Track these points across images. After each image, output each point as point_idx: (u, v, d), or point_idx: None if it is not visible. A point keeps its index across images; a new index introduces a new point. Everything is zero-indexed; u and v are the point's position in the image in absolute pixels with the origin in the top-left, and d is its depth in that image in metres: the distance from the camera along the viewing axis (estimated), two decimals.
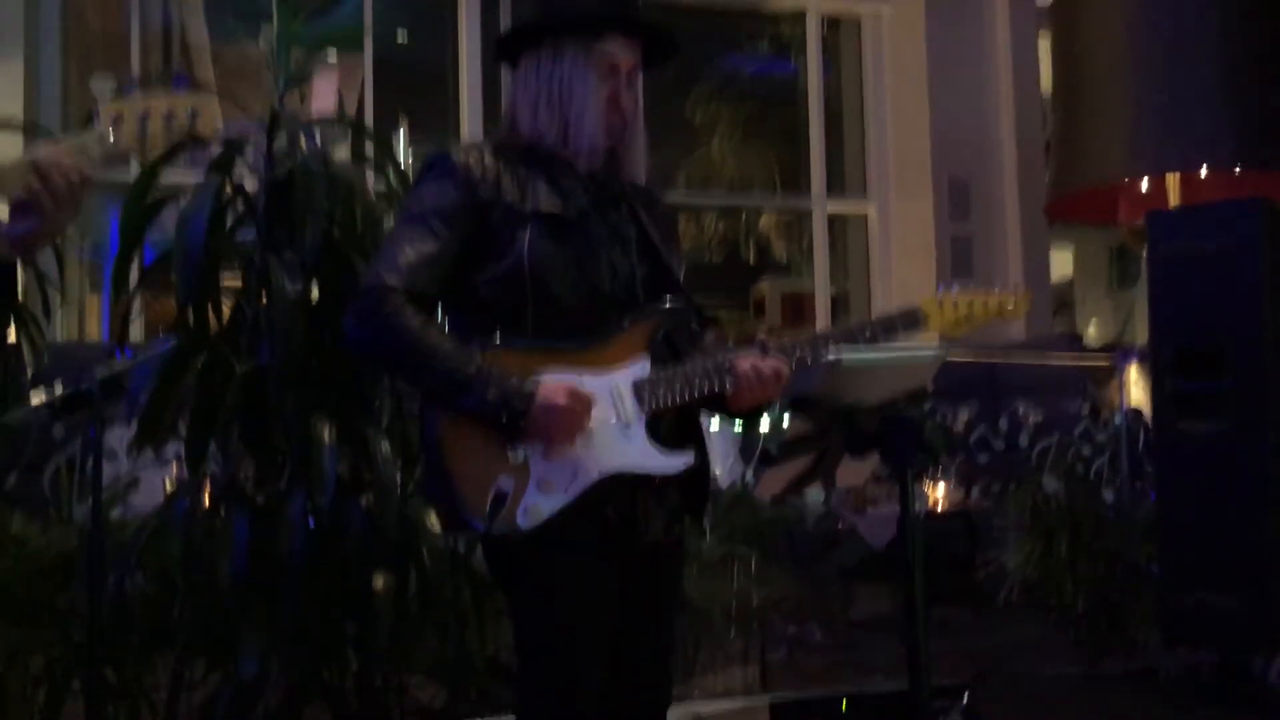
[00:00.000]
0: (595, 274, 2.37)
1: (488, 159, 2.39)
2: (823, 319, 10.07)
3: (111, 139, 1.99)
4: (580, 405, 2.24)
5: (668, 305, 2.41)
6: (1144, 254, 5.07)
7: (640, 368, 2.34)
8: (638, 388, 2.32)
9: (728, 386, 2.35)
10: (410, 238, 2.32)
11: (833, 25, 10.52)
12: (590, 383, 2.29)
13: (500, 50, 2.53)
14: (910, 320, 2.47)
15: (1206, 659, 4.82)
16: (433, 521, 3.38)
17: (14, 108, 7.18)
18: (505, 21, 9.17)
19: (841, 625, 5.83)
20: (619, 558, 2.34)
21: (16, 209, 1.93)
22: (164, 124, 2.01)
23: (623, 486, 2.31)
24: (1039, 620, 5.48)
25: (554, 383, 2.24)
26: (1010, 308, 2.55)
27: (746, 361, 2.35)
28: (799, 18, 10.44)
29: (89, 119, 2.02)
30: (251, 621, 3.25)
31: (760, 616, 4.71)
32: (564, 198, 2.38)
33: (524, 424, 2.22)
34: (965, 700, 3.80)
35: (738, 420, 2.43)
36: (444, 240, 2.32)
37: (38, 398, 2.96)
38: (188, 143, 3.48)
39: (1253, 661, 4.69)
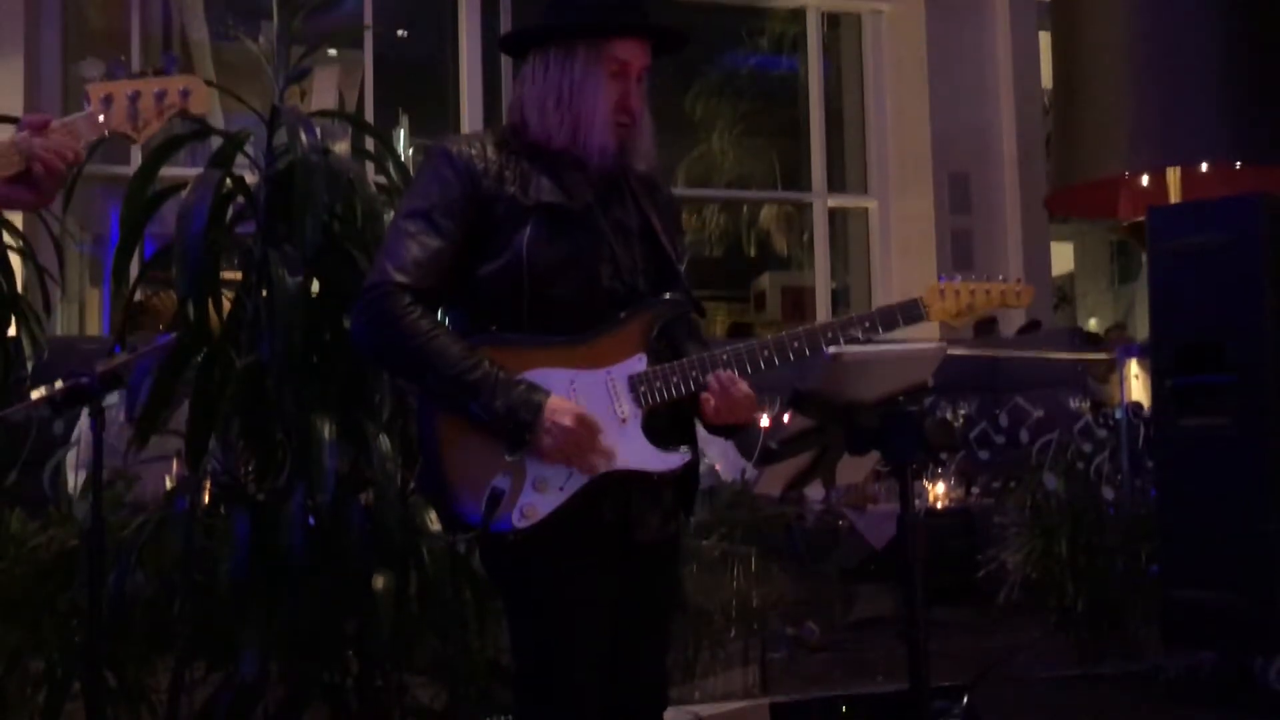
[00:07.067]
0: (595, 268, 2.34)
1: (490, 152, 2.37)
2: (823, 312, 10.08)
3: (101, 119, 2.00)
4: (587, 431, 2.22)
5: (665, 298, 2.38)
6: (1144, 249, 5.06)
7: (636, 363, 2.31)
8: (634, 383, 2.30)
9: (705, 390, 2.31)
10: (415, 233, 2.30)
11: (833, 22, 10.53)
12: (585, 378, 2.27)
13: (506, 45, 2.51)
14: (911, 311, 2.43)
15: (1206, 659, 4.81)
16: (433, 520, 3.37)
17: (14, 106, 7.19)
18: (506, 18, 9.17)
19: (841, 625, 5.82)
20: (615, 557, 2.33)
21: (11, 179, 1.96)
22: (155, 102, 2.03)
23: (618, 485, 2.29)
24: (1039, 620, 5.48)
25: (561, 401, 2.22)
26: (1014, 298, 2.54)
27: (724, 374, 2.30)
28: (799, 14, 10.45)
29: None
30: (251, 621, 3.24)
31: (760, 617, 4.70)
32: (568, 191, 2.36)
33: (529, 436, 2.20)
34: (965, 700, 3.78)
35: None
36: (449, 235, 2.30)
37: (37, 393, 2.94)
38: (183, 131, 3.49)
39: (1253, 661, 4.68)
